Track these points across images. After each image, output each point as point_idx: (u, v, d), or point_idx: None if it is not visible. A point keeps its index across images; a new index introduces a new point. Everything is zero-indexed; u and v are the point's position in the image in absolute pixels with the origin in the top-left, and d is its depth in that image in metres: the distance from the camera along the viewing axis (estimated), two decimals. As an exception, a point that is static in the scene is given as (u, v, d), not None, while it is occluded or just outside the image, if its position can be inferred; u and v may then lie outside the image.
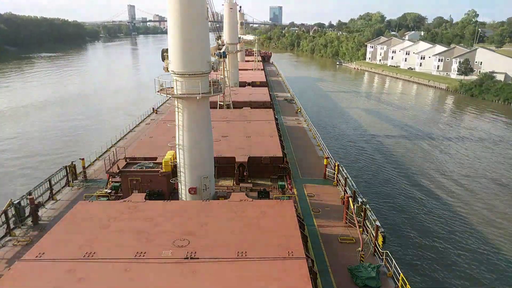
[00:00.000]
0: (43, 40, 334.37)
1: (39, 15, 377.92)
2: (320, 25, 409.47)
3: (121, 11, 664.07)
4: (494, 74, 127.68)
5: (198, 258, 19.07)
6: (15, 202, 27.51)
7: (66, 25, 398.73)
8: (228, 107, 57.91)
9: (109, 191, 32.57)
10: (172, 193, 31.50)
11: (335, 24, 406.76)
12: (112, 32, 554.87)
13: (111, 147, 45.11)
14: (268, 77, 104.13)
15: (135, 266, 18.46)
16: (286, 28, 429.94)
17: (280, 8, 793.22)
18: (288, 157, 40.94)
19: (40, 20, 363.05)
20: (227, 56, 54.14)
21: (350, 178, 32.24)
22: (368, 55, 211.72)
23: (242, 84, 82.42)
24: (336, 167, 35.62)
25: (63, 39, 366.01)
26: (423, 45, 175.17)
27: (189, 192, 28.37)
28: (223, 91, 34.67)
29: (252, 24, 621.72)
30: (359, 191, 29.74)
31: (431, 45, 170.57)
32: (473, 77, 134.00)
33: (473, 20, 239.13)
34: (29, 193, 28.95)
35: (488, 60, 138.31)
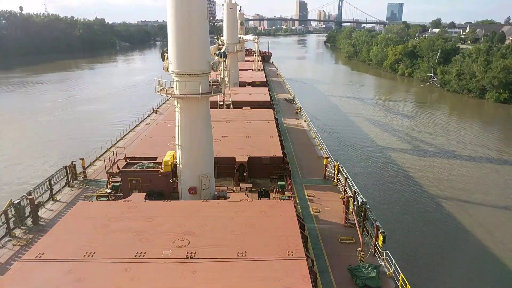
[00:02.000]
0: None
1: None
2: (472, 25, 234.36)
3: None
4: None
5: (198, 258, 19.05)
6: (15, 202, 27.51)
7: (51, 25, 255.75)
8: (228, 107, 57.88)
9: (109, 191, 32.55)
10: (172, 193, 31.49)
11: (503, 22, 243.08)
12: None
13: (111, 147, 45.07)
14: (268, 77, 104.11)
15: (135, 266, 18.44)
16: (429, 31, 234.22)
17: (401, 5, 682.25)
18: (288, 157, 40.93)
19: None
20: (227, 56, 54.10)
21: (350, 178, 32.22)
22: None
23: (242, 84, 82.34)
24: (336, 167, 35.60)
25: (57, 46, 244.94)
26: None
27: (189, 192, 28.36)
28: (223, 91, 34.65)
29: (364, 25, 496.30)
30: (359, 191, 29.72)
31: None
32: None
33: None
34: (29, 193, 28.96)
35: None
